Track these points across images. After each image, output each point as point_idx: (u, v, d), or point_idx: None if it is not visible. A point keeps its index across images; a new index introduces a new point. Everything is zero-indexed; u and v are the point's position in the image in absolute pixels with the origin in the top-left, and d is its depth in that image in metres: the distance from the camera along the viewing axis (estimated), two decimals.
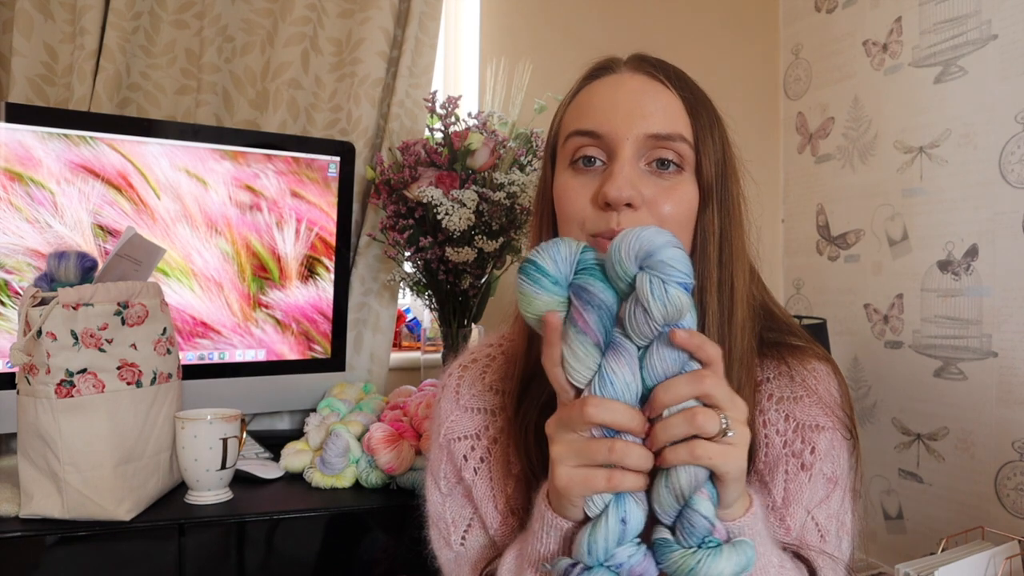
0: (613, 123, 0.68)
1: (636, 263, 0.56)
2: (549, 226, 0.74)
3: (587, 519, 0.57)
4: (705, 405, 0.55)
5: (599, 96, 0.71)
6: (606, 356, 0.56)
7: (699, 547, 0.54)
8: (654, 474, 0.56)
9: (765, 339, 0.75)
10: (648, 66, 0.72)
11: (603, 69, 0.74)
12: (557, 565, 0.57)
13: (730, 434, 0.54)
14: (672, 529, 0.56)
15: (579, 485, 0.56)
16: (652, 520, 0.57)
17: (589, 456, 0.56)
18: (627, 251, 0.56)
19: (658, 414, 0.55)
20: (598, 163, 0.70)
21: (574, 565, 0.56)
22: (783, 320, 0.78)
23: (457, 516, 0.77)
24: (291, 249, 1.39)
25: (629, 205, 0.67)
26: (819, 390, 0.72)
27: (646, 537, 0.57)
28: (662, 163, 0.69)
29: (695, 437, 0.54)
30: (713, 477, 0.56)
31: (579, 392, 0.58)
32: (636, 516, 0.56)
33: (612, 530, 0.55)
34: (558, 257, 0.58)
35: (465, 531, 0.76)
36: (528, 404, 0.73)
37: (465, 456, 0.77)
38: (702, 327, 0.69)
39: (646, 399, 0.56)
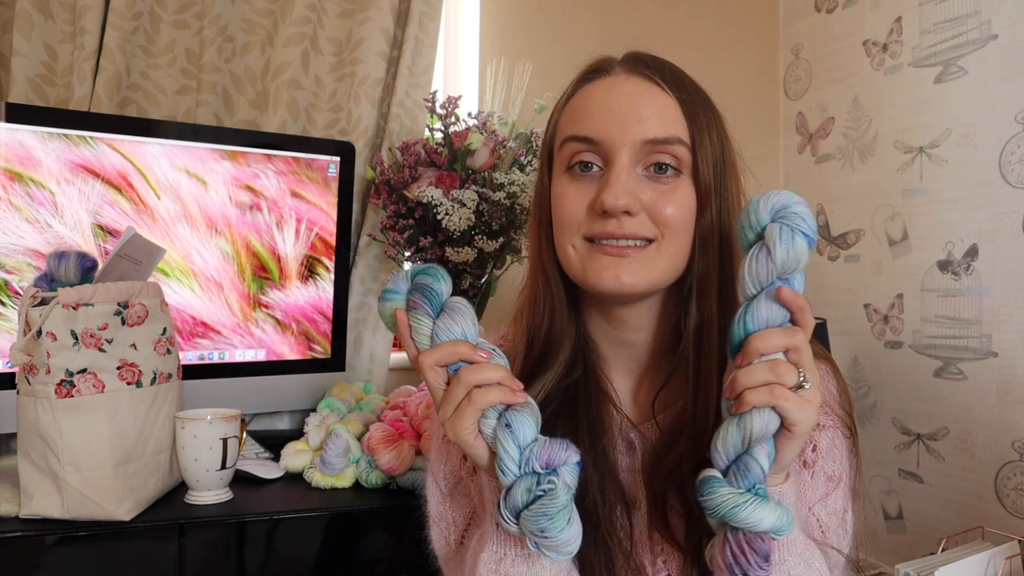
0: (609, 129, 0.68)
1: (770, 215, 0.61)
2: (547, 230, 0.74)
3: None
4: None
5: (594, 100, 0.71)
6: (437, 320, 0.64)
7: (748, 491, 0.57)
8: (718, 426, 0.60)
9: None
10: (643, 67, 0.71)
11: (597, 71, 0.73)
12: (501, 512, 0.61)
13: (807, 386, 0.57)
14: (724, 474, 0.59)
15: (462, 425, 0.60)
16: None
17: (453, 397, 0.61)
18: (764, 205, 0.61)
19: (750, 361, 0.58)
20: (595, 168, 0.69)
21: (503, 498, 0.60)
22: None
23: (458, 515, 0.77)
24: (291, 249, 1.39)
25: (627, 212, 0.66)
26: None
27: None
28: (659, 167, 0.68)
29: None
30: (777, 435, 0.58)
31: None
32: (521, 421, 0.61)
33: (505, 440, 0.60)
34: (400, 282, 0.67)
35: (466, 530, 0.76)
36: None
37: (465, 455, 0.77)
38: (702, 332, 0.70)
39: (741, 347, 0.59)
